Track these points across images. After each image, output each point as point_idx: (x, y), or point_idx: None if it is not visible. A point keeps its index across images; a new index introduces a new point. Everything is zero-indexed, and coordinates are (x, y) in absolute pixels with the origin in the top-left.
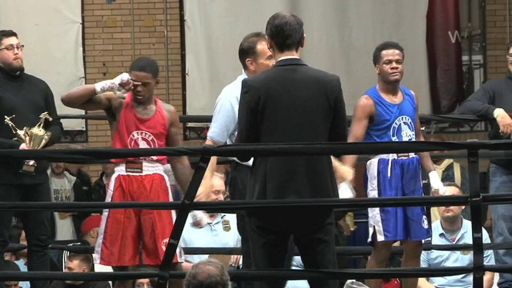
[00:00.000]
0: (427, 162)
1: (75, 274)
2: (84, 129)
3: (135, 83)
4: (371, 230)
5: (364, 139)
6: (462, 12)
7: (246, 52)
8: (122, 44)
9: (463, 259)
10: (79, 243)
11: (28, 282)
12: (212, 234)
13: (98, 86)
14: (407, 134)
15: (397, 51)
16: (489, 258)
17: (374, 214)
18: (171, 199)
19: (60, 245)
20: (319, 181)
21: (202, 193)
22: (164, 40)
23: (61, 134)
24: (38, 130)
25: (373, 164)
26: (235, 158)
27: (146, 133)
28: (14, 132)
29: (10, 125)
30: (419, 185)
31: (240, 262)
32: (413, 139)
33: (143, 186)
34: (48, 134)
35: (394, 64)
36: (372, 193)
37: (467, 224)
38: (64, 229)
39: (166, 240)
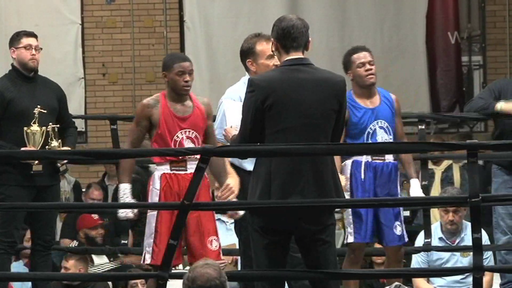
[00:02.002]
0: (409, 169)
1: (75, 274)
2: (84, 130)
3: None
4: (346, 232)
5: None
6: (462, 13)
7: (246, 54)
8: (122, 45)
9: (463, 261)
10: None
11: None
12: (228, 234)
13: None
14: (383, 138)
15: (368, 54)
16: (489, 259)
17: (347, 216)
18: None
19: (60, 246)
20: (323, 181)
21: (235, 185)
22: (163, 40)
23: (76, 138)
24: (34, 128)
25: (346, 165)
26: (232, 161)
27: (189, 131)
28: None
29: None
30: (396, 191)
31: None
32: None
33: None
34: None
35: (368, 66)
36: (345, 195)
37: (467, 226)
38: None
39: (211, 237)
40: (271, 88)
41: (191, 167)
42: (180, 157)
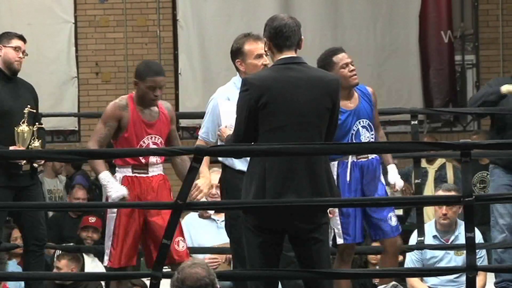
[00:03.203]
0: (385, 156)
1: (68, 274)
2: (76, 128)
3: (156, 89)
4: (332, 233)
5: None
6: (455, 12)
7: (235, 54)
8: (115, 44)
9: (457, 260)
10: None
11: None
12: (218, 232)
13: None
14: (366, 137)
15: (346, 54)
16: (483, 258)
17: (335, 217)
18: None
19: (53, 245)
20: (317, 180)
21: (203, 184)
22: (156, 39)
23: (45, 136)
24: (24, 127)
25: (333, 166)
26: (222, 160)
27: (155, 137)
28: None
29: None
30: (381, 186)
31: None
32: (373, 141)
33: (151, 187)
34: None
35: (351, 67)
36: None
37: (461, 225)
38: None
39: (178, 238)
40: (265, 87)
41: (152, 170)
42: (144, 161)
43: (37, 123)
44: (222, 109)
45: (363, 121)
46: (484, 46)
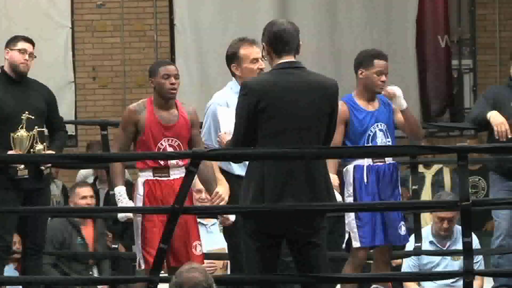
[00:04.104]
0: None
1: (67, 278)
2: (74, 133)
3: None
4: (346, 236)
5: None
6: (452, 17)
7: (231, 58)
8: (112, 49)
9: (454, 265)
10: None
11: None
12: (208, 236)
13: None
14: (382, 141)
15: (386, 64)
16: (479, 263)
17: (350, 220)
18: (195, 203)
19: (50, 252)
20: (315, 184)
21: (224, 192)
22: (154, 44)
23: (65, 141)
24: (22, 132)
25: (349, 170)
26: (221, 165)
27: (173, 140)
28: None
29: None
30: (397, 191)
31: None
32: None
33: (173, 190)
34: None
35: (384, 78)
36: (348, 199)
37: (458, 231)
38: None
39: (195, 242)
40: (264, 91)
41: (174, 173)
42: (163, 164)
43: (36, 127)
44: (221, 115)
45: (380, 124)
46: (481, 51)
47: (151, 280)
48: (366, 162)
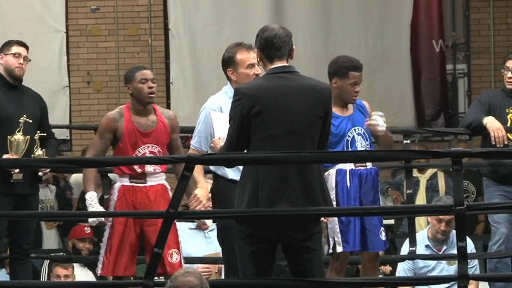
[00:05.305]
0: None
1: (58, 283)
2: (68, 138)
3: (150, 83)
4: (331, 241)
5: None
6: (446, 21)
7: (227, 63)
8: (106, 53)
9: (449, 269)
10: (62, 254)
11: None
12: (206, 242)
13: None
14: (362, 145)
15: (361, 74)
16: (475, 268)
17: (333, 225)
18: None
19: (45, 255)
20: (310, 189)
21: (203, 195)
22: (148, 49)
23: (56, 149)
24: (19, 136)
25: (331, 175)
26: (215, 170)
27: (152, 146)
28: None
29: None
30: (378, 196)
31: None
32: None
33: (147, 197)
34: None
35: (358, 88)
36: None
37: (453, 235)
38: (51, 238)
39: (171, 250)
40: (257, 96)
41: (150, 179)
42: (140, 171)
43: (38, 132)
44: (214, 120)
45: (358, 128)
46: (476, 55)
47: (145, 284)
48: (348, 166)
